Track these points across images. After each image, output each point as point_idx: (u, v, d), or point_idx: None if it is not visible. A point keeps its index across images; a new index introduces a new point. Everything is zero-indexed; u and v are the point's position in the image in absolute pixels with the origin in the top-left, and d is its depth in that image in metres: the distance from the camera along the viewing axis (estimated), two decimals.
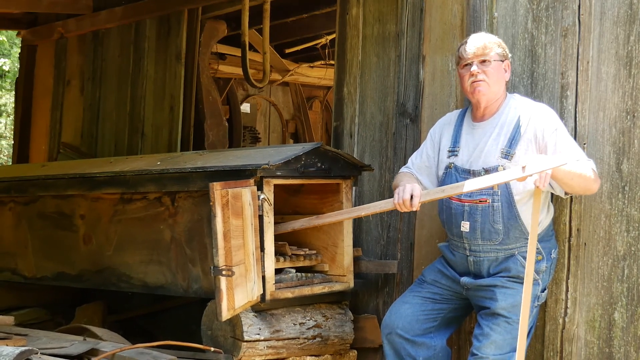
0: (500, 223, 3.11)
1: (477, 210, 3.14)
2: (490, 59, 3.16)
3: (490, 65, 3.17)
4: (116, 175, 3.84)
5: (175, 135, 5.28)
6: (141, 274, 3.81)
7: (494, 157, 3.14)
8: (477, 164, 3.17)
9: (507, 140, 3.13)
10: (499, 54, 3.19)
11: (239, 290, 3.10)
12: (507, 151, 3.11)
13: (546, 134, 3.08)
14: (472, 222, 3.15)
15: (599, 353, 3.23)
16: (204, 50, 5.49)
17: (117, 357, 3.13)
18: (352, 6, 4.14)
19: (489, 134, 3.19)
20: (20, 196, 4.44)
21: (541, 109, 3.17)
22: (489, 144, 3.17)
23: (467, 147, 3.23)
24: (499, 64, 3.18)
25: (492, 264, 3.18)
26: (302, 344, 3.52)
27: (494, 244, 3.15)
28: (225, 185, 3.08)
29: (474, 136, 3.23)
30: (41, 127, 6.35)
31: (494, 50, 3.18)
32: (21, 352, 2.81)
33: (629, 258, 3.16)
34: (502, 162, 3.10)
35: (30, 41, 6.51)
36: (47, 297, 4.70)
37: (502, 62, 3.20)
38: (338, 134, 4.17)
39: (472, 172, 3.17)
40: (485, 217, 3.13)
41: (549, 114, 3.15)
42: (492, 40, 3.21)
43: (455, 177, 3.20)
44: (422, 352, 3.30)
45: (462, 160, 3.22)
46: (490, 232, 3.13)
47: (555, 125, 3.11)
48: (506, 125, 3.16)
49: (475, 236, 3.16)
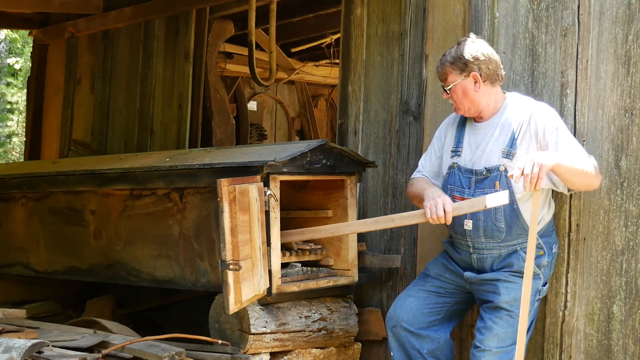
0: (502, 221, 3.13)
1: None
2: (449, 84, 3.17)
3: (454, 91, 3.17)
4: (126, 172, 3.86)
5: (183, 133, 5.28)
6: (150, 268, 3.83)
7: (495, 156, 3.15)
8: (480, 164, 3.18)
9: (509, 139, 3.14)
10: (458, 75, 3.15)
11: (245, 284, 3.12)
12: (508, 151, 3.12)
13: (547, 132, 3.09)
14: (475, 221, 3.17)
15: (598, 345, 3.25)
16: (211, 49, 5.48)
17: (127, 349, 3.14)
18: (357, 6, 4.14)
19: (491, 134, 3.19)
20: (32, 192, 4.46)
21: (541, 108, 3.17)
22: (490, 144, 3.18)
23: (469, 147, 3.24)
24: (462, 85, 3.16)
25: (495, 260, 3.20)
26: (307, 336, 3.54)
27: (497, 242, 3.16)
28: (233, 182, 3.10)
29: (476, 136, 3.24)
30: (52, 124, 6.37)
31: (450, 76, 3.16)
32: (33, 345, 2.82)
33: (628, 252, 3.18)
34: (503, 162, 3.11)
35: (41, 40, 6.53)
36: (58, 290, 4.73)
37: (467, 78, 3.16)
38: (343, 132, 4.18)
39: (474, 172, 3.18)
40: (487, 216, 3.14)
41: (549, 113, 3.15)
42: (447, 64, 3.17)
43: (459, 177, 3.22)
44: (426, 344, 3.32)
45: (465, 160, 3.23)
46: (493, 230, 3.15)
47: (556, 124, 3.11)
48: (506, 125, 3.17)
49: (479, 234, 3.18)
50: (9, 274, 4.68)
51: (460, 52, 3.16)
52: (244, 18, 5.38)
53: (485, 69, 3.15)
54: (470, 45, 3.18)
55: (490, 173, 3.14)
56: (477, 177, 3.17)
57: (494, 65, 3.18)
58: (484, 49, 3.18)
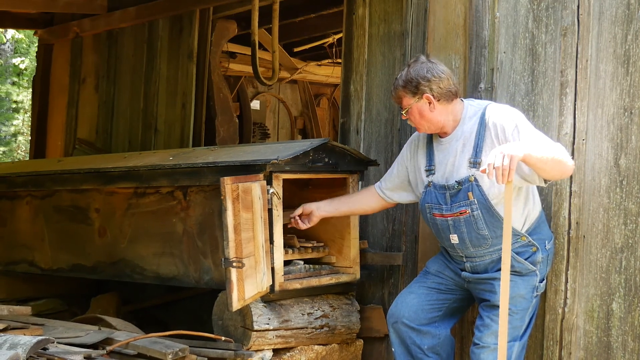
0: (485, 229, 3.13)
1: (460, 222, 3.16)
2: (405, 107, 3.19)
3: (411, 113, 3.19)
4: (130, 170, 3.86)
5: (187, 132, 5.29)
6: (154, 266, 3.84)
7: (464, 168, 3.15)
8: (452, 178, 3.18)
9: (472, 149, 3.13)
10: (411, 98, 3.16)
11: (249, 282, 3.13)
12: (474, 160, 3.12)
13: (507, 133, 3.06)
14: (459, 234, 3.18)
15: (598, 342, 3.26)
16: (215, 49, 5.49)
17: (131, 346, 3.13)
18: (359, 6, 4.15)
19: (455, 148, 3.19)
20: (37, 190, 4.46)
21: (496, 109, 3.15)
22: (457, 157, 3.18)
23: (440, 164, 3.24)
24: (417, 107, 3.17)
25: (489, 265, 3.22)
26: (310, 333, 3.56)
27: (486, 248, 3.18)
28: (236, 180, 3.10)
29: (443, 152, 3.24)
30: (57, 123, 6.36)
31: (404, 99, 3.18)
32: (38, 341, 2.82)
33: (627, 250, 3.19)
34: (472, 172, 3.11)
35: (46, 40, 6.52)
36: (63, 288, 4.72)
37: (420, 100, 3.16)
38: (345, 130, 4.19)
39: (447, 187, 3.18)
40: (470, 227, 3.15)
41: (505, 113, 3.12)
42: (400, 87, 3.20)
43: (435, 194, 3.22)
44: (427, 340, 3.34)
45: (438, 177, 3.24)
46: (478, 238, 3.16)
47: (514, 122, 3.07)
48: (468, 134, 3.16)
49: (466, 245, 3.19)
50: (14, 271, 4.68)
51: (410, 75, 3.17)
52: (247, 18, 5.37)
53: (437, 88, 3.15)
54: (419, 67, 3.18)
55: (461, 185, 3.14)
56: (451, 192, 3.17)
57: (445, 84, 3.17)
58: (433, 70, 3.17)
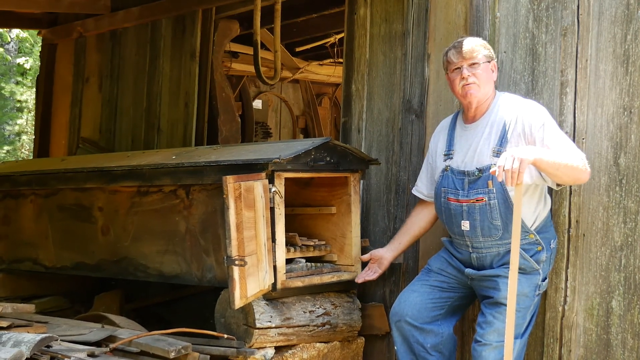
0: (498, 219, 3.15)
1: (475, 209, 3.18)
2: (479, 61, 3.23)
3: (480, 68, 3.23)
4: (133, 169, 3.87)
5: (190, 131, 5.29)
6: (157, 264, 3.85)
7: (486, 156, 3.18)
8: (471, 165, 3.21)
9: (498, 138, 3.17)
10: (486, 56, 3.25)
11: (251, 280, 3.14)
12: (498, 150, 3.15)
13: (534, 129, 3.11)
14: (471, 221, 3.20)
15: (597, 340, 3.28)
16: (217, 48, 5.48)
17: (134, 343, 3.13)
18: (360, 6, 4.17)
19: (480, 134, 3.23)
20: (41, 189, 4.47)
21: (529, 106, 3.21)
22: (481, 144, 3.21)
23: (461, 149, 3.27)
24: (487, 66, 3.25)
25: (494, 258, 3.23)
26: (311, 331, 3.57)
27: (495, 240, 3.19)
28: (238, 179, 3.11)
29: (467, 138, 3.27)
30: (61, 122, 6.36)
31: (481, 53, 3.24)
32: (42, 339, 2.82)
33: (626, 248, 3.21)
34: (494, 161, 3.12)
35: (50, 40, 6.53)
36: (66, 286, 4.72)
37: (489, 63, 3.26)
38: (346, 129, 4.21)
39: (466, 173, 3.21)
40: (484, 215, 3.17)
41: (536, 110, 3.18)
42: (478, 43, 3.27)
43: (452, 179, 3.25)
44: (430, 339, 3.36)
45: (457, 162, 3.27)
46: (490, 228, 3.18)
47: (543, 121, 3.13)
48: (496, 124, 3.20)
49: (476, 234, 3.21)
50: (18, 269, 4.68)
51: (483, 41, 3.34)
52: (249, 18, 5.37)
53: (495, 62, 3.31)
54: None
55: (482, 173, 3.17)
56: (470, 178, 3.20)
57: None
58: None
